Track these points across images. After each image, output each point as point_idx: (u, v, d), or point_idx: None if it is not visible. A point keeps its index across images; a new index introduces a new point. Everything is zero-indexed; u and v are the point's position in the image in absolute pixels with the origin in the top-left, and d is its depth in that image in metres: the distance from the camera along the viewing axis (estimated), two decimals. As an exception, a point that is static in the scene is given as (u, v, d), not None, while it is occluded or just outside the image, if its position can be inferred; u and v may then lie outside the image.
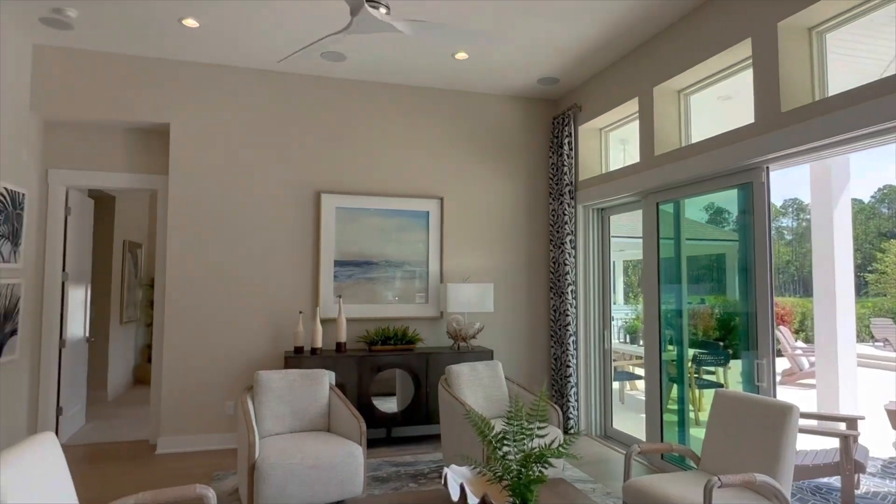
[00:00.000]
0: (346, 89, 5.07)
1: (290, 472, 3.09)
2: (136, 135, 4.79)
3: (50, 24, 4.01)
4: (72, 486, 2.02)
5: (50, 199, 4.56)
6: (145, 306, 7.77)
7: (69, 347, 4.79)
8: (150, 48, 4.44)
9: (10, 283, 4.00)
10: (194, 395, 4.58)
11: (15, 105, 4.10)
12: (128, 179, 4.73)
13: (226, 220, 4.71)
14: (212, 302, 4.65)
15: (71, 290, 4.80)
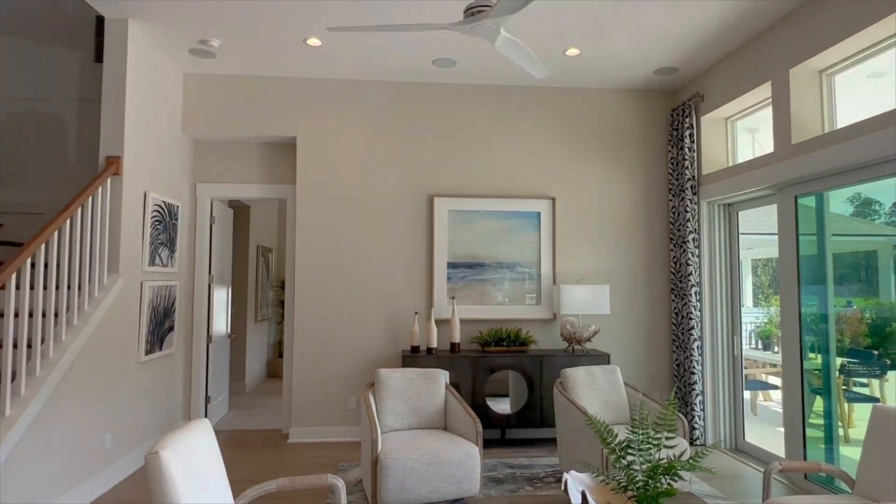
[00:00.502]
0: (457, 94, 5.16)
1: (409, 468, 3.20)
2: (267, 149, 5.23)
3: (197, 55, 4.50)
4: (223, 466, 2.25)
5: (198, 209, 5.11)
6: (276, 306, 8.45)
7: (215, 342, 5.33)
8: (278, 68, 4.82)
9: (168, 284, 4.54)
10: (320, 390, 4.90)
11: (170, 128, 4.65)
12: (261, 190, 5.18)
13: (346, 225, 4.99)
14: (335, 302, 4.95)
15: (215, 291, 5.35)
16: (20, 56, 4.79)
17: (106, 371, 3.65)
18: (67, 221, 3.33)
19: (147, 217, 4.19)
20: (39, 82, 4.79)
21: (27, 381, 2.98)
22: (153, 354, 4.30)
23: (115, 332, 3.75)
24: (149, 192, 4.22)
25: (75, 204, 3.36)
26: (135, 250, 4.04)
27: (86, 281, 3.50)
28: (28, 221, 4.74)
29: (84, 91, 4.83)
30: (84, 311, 3.47)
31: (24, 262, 2.95)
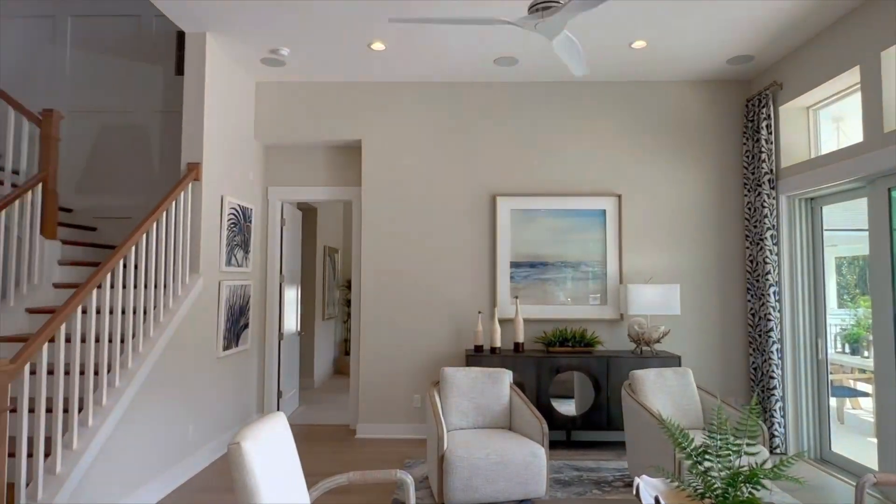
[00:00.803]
0: (519, 92, 5.13)
1: (475, 467, 3.21)
2: (334, 152, 5.38)
3: (268, 64, 4.70)
4: (297, 458, 2.34)
5: (269, 212, 5.34)
6: (342, 305, 8.68)
7: (286, 340, 5.54)
8: (344, 74, 4.96)
9: (243, 284, 4.76)
10: (386, 388, 4.99)
11: (244, 135, 4.88)
12: (328, 192, 5.34)
13: (410, 225, 5.07)
14: (400, 302, 5.03)
15: (286, 290, 5.56)
16: (111, 72, 5.16)
17: (188, 365, 3.87)
18: (154, 224, 3.56)
19: (224, 220, 4.41)
20: (127, 96, 5.15)
21: (120, 373, 3.22)
22: (230, 350, 4.53)
23: (195, 328, 3.98)
24: (225, 196, 4.45)
25: (161, 208, 3.59)
26: (213, 251, 4.27)
27: (170, 280, 3.74)
28: (118, 225, 5.11)
29: (167, 102, 5.15)
30: (169, 309, 3.70)
31: (116, 263, 3.18)
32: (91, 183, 5.11)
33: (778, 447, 4.47)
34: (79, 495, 2.78)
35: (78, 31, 5.20)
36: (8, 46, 5.21)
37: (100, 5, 5.19)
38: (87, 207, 5.10)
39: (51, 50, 5.19)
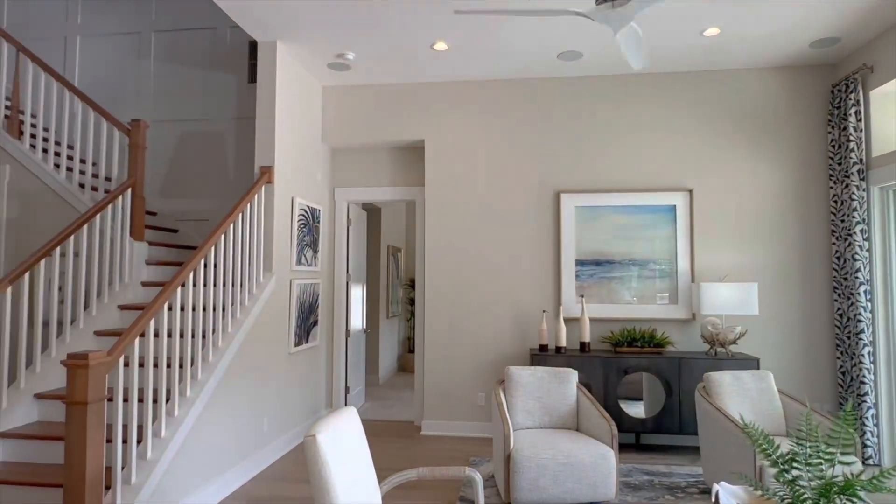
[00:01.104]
0: (583, 86, 5.02)
1: (542, 467, 3.17)
2: (398, 153, 5.46)
3: (334, 68, 4.83)
4: (368, 452, 2.39)
5: (336, 212, 5.49)
6: (405, 303, 8.81)
7: (352, 337, 5.69)
8: (407, 75, 5.02)
9: (312, 282, 4.93)
10: (451, 386, 5.03)
11: (312, 138, 5.04)
12: (392, 192, 5.43)
13: (474, 224, 5.07)
14: (463, 300, 5.05)
15: (352, 288, 5.70)
16: (190, 83, 5.47)
17: (262, 360, 4.04)
18: (231, 226, 3.74)
19: (294, 220, 4.58)
20: (205, 104, 5.44)
21: (202, 366, 3.40)
22: (300, 346, 4.69)
23: (269, 325, 4.15)
24: (295, 197, 4.61)
25: (237, 210, 3.77)
26: (284, 251, 4.44)
27: (245, 279, 3.91)
28: (197, 227, 5.40)
29: (241, 109, 5.40)
30: (245, 306, 3.88)
31: (198, 262, 3.37)
32: (173, 188, 5.43)
33: (870, 458, 4.16)
34: (167, 480, 2.96)
35: (160, 45, 5.54)
36: (100, 62, 5.62)
37: (180, 19, 5.51)
38: (170, 211, 5.43)
39: (136, 64, 5.56)
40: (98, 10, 5.65)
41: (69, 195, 4.34)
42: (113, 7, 5.63)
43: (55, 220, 4.36)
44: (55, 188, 4.36)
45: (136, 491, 2.75)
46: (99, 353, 2.50)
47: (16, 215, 4.40)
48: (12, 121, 4.47)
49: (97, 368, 2.48)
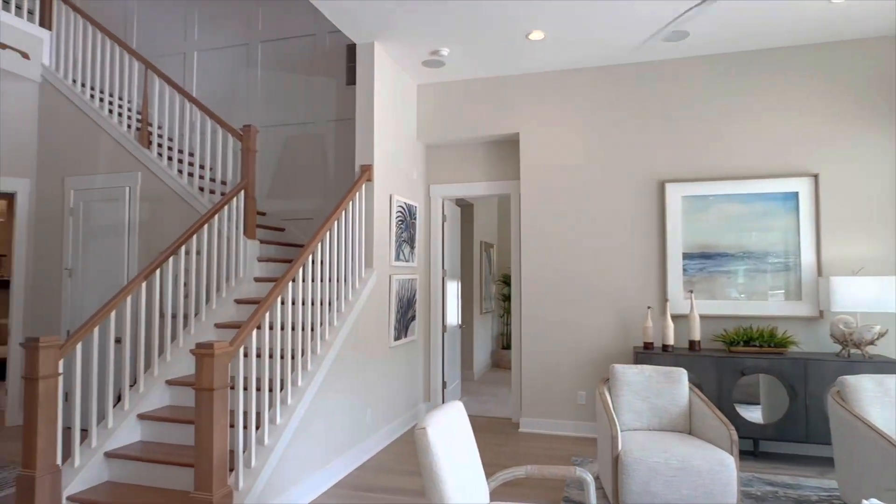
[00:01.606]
0: (689, 68, 4.71)
1: (653, 470, 3.01)
2: (492, 147, 5.42)
3: (429, 66, 4.87)
4: (475, 446, 2.37)
5: (431, 209, 5.55)
6: (498, 299, 8.77)
7: (449, 332, 5.73)
8: (501, 68, 4.96)
9: (410, 278, 5.01)
10: (549, 383, 4.92)
11: (408, 136, 5.12)
12: (487, 187, 5.39)
13: (572, 216, 4.92)
14: (562, 295, 4.92)
15: (448, 284, 5.74)
16: (293, 88, 5.75)
17: (364, 353, 4.16)
18: (335, 223, 3.88)
19: (392, 217, 4.67)
20: (307, 108, 5.70)
21: (311, 358, 3.55)
22: (400, 341, 4.78)
23: (370, 319, 4.26)
24: (394, 195, 4.70)
25: (340, 208, 3.90)
26: (383, 247, 4.54)
27: (349, 274, 4.04)
28: (301, 225, 5.67)
29: (339, 111, 5.59)
30: (349, 301, 4.01)
31: (306, 258, 3.51)
32: (279, 189, 5.74)
33: None
34: (282, 466, 3.12)
35: (266, 54, 5.87)
36: (213, 74, 6.05)
37: (283, 29, 5.81)
38: (277, 211, 5.74)
39: (245, 73, 5.93)
40: (211, 27, 6.09)
41: (190, 197, 4.70)
42: (224, 23, 6.03)
43: (178, 221, 4.74)
44: (178, 191, 4.74)
45: (255, 474, 2.91)
46: (222, 343, 2.67)
47: (146, 217, 4.84)
48: (142, 132, 4.91)
49: (221, 357, 2.65)
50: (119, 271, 4.89)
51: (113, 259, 4.92)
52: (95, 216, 5.02)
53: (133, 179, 4.88)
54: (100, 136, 5.04)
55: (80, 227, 5.06)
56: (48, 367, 2.94)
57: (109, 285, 4.92)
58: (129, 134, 4.94)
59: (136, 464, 3.21)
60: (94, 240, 5.00)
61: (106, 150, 5.01)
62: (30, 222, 5.22)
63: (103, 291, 4.94)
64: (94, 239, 5.01)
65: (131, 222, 4.87)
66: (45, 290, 5.17)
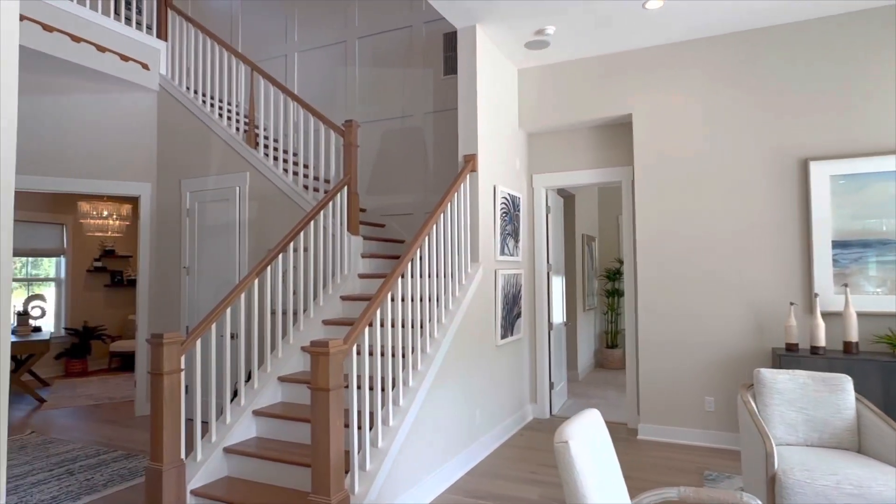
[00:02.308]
0: (837, 27, 4.09)
1: (821, 495, 2.56)
2: (599, 132, 5.04)
3: (532, 47, 4.59)
4: (616, 459, 2.08)
5: (534, 200, 5.26)
6: (601, 295, 8.30)
7: (554, 330, 5.42)
8: (612, 44, 4.58)
9: (514, 273, 4.76)
10: (670, 386, 4.48)
11: (510, 124, 4.86)
12: (594, 175, 5.02)
13: (694, 202, 4.45)
14: (683, 289, 4.46)
15: (553, 279, 5.43)
16: (390, 82, 5.68)
17: (472, 352, 3.97)
18: (441, 216, 3.71)
19: (497, 209, 4.44)
20: (404, 102, 5.60)
21: (421, 357, 3.40)
22: (506, 339, 4.55)
23: (477, 316, 4.06)
24: (497, 185, 4.47)
25: (446, 199, 3.72)
26: (488, 241, 4.33)
27: (455, 269, 3.86)
28: (401, 221, 5.59)
29: (437, 103, 5.45)
30: (456, 297, 3.83)
31: (414, 253, 3.37)
32: (378, 185, 5.70)
33: None
34: (395, 470, 2.99)
35: (364, 50, 5.84)
36: (313, 73, 6.12)
37: (379, 23, 5.75)
38: (376, 206, 5.70)
39: (343, 71, 5.94)
40: (310, 27, 6.16)
41: (296, 195, 4.73)
42: (322, 22, 6.09)
43: (285, 219, 4.79)
44: (284, 190, 4.79)
45: (370, 478, 2.80)
46: (336, 341, 2.57)
47: (255, 215, 4.95)
48: (249, 133, 5.03)
49: (336, 356, 2.55)
50: (231, 268, 5.04)
51: (225, 256, 5.08)
52: (209, 216, 5.21)
53: (242, 180, 5.00)
54: (211, 138, 5.22)
55: (196, 226, 5.28)
56: (172, 363, 3.00)
57: (223, 282, 5.09)
58: (238, 136, 5.07)
59: (254, 460, 3.21)
60: (208, 239, 5.19)
61: (217, 152, 5.18)
62: (152, 224, 5.52)
63: (217, 287, 5.12)
64: (207, 238, 5.20)
65: (241, 221, 4.99)
66: (166, 288, 5.45)
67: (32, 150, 5.00)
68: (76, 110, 5.17)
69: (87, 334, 7.86)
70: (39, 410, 5.71)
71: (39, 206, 7.68)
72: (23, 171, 4.96)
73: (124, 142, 5.40)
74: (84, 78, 5.10)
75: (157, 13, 5.61)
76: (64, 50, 4.69)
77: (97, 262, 8.30)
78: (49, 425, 5.13)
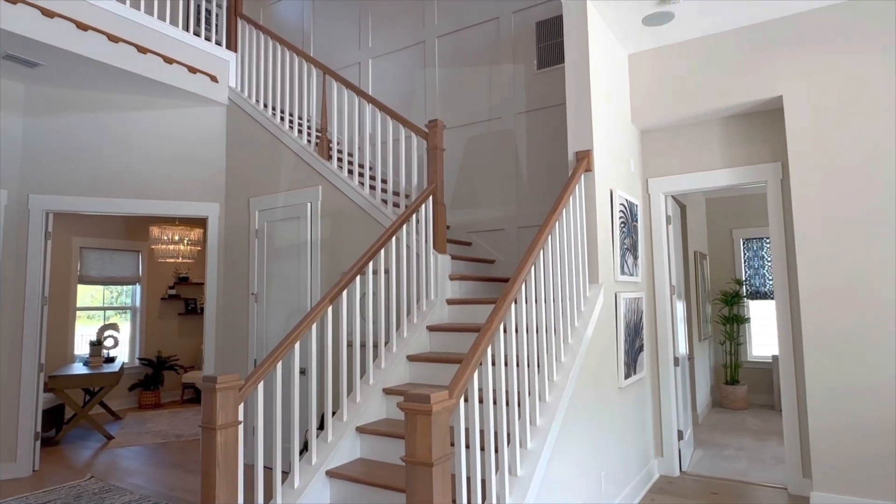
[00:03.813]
0: None
1: None
2: (732, 123, 4.14)
3: (650, 23, 3.79)
4: None
5: (652, 208, 4.39)
6: (716, 322, 7.18)
7: (679, 365, 4.46)
8: (757, 11, 3.70)
9: (635, 296, 3.89)
10: (855, 442, 3.42)
11: (622, 120, 4.06)
12: (728, 176, 4.10)
13: (879, 201, 3.44)
14: (866, 313, 3.42)
15: (676, 304, 4.50)
16: (474, 82, 5.04)
17: (592, 397, 3.13)
18: (556, 226, 2.94)
19: (615, 218, 3.63)
20: (491, 103, 4.93)
21: (540, 408, 2.61)
22: (630, 378, 3.67)
23: (597, 351, 3.23)
24: (615, 189, 3.66)
25: (560, 204, 2.95)
26: (607, 257, 3.50)
27: (571, 293, 3.06)
28: (489, 238, 4.86)
29: (529, 101, 4.73)
30: (575, 328, 3.02)
31: (526, 275, 2.61)
32: (462, 198, 5.02)
33: None
34: (516, 565, 2.19)
35: (443, 49, 5.25)
36: (389, 78, 5.59)
37: (462, 18, 5.15)
38: (460, 222, 5.01)
39: (422, 74, 5.36)
40: (385, 30, 5.66)
41: (373, 209, 4.12)
42: (398, 23, 5.57)
43: (361, 236, 4.19)
44: (360, 203, 4.20)
45: (485, 582, 2.01)
46: (440, 394, 1.84)
47: (328, 234, 4.37)
48: (322, 143, 4.50)
49: (441, 416, 1.82)
50: (302, 293, 4.48)
51: (296, 281, 4.53)
52: (278, 236, 4.70)
53: (314, 195, 4.46)
54: (281, 152, 4.74)
55: (265, 248, 4.78)
56: (227, 415, 2.37)
57: (293, 310, 4.53)
58: (309, 147, 4.56)
59: (328, 539, 2.51)
60: (278, 261, 4.68)
61: (287, 167, 4.69)
62: (220, 247, 5.09)
63: (288, 316, 4.56)
64: (277, 260, 4.68)
65: (313, 240, 4.44)
66: (234, 316, 4.97)
67: (97, 170, 4.70)
68: (142, 127, 4.85)
69: (161, 365, 7.60)
70: (106, 448, 5.34)
71: (115, 232, 7.57)
72: (87, 192, 4.66)
73: (192, 159, 5.03)
74: (150, 92, 4.78)
75: (226, 23, 5.28)
76: (130, 61, 4.37)
77: (171, 290, 8.10)
78: (111, 468, 4.70)
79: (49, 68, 4.28)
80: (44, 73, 4.36)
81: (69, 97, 4.65)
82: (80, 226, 7.20)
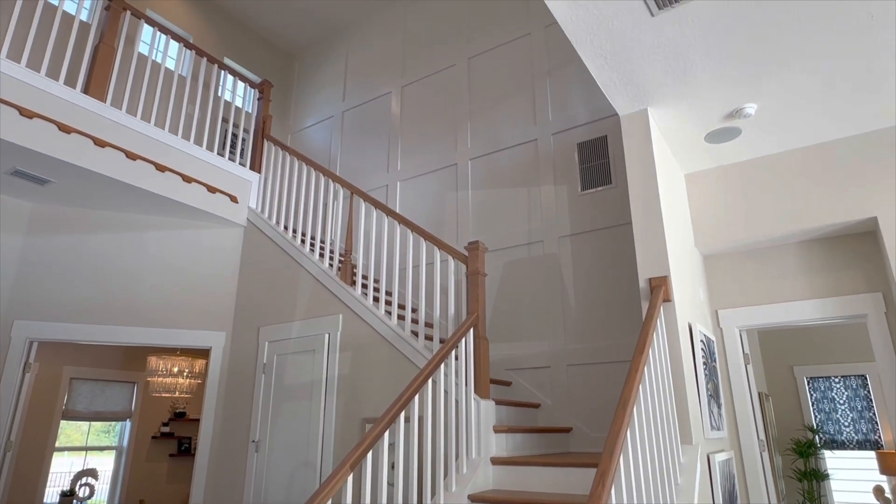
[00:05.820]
0: None
1: None
2: (812, 248, 3.63)
3: (714, 139, 3.45)
4: None
5: (725, 345, 3.75)
6: (788, 479, 6.14)
7: (781, 547, 3.53)
8: (838, 125, 3.36)
9: (725, 458, 3.11)
10: None
11: (686, 244, 3.58)
12: (814, 308, 3.51)
13: None
14: None
15: (765, 462, 3.67)
16: (511, 205, 4.68)
17: None
18: (645, 370, 2.31)
19: (697, 358, 2.99)
20: (531, 225, 4.52)
21: None
22: (735, 573, 2.79)
23: (702, 539, 2.42)
24: (694, 324, 3.07)
25: (647, 342, 2.35)
26: (695, 409, 2.81)
27: (658, 456, 2.35)
28: (531, 377, 4.19)
29: (574, 224, 4.32)
30: None
31: (626, 429, 1.94)
32: (499, 331, 4.43)
33: None
34: None
35: (477, 172, 4.98)
36: (418, 201, 5.27)
37: (497, 140, 4.93)
38: (499, 358, 4.37)
39: (455, 196, 5.04)
40: (416, 154, 5.47)
41: (401, 342, 3.53)
42: (429, 147, 5.38)
43: (386, 373, 3.55)
44: (386, 335, 3.62)
45: None
46: None
47: (346, 370, 3.74)
48: (345, 267, 4.04)
49: None
50: (312, 442, 3.74)
51: (305, 425, 3.82)
52: (289, 372, 4.07)
53: (333, 324, 3.91)
54: (299, 275, 4.28)
55: (272, 386, 4.13)
56: None
57: (299, 462, 3.76)
58: (331, 271, 4.10)
59: None
60: (286, 402, 4.00)
61: (305, 291, 4.20)
62: (221, 383, 4.44)
63: (293, 470, 3.78)
64: (286, 401, 4.00)
65: (329, 377, 3.80)
66: (230, 465, 4.18)
67: (96, 294, 4.22)
68: (150, 248, 4.46)
69: (141, 517, 6.56)
70: None
71: (111, 361, 6.95)
72: (82, 318, 4.15)
73: (201, 283, 4.57)
74: (163, 211, 4.45)
75: (252, 144, 5.11)
76: (147, 180, 4.08)
77: (165, 427, 7.27)
78: None
79: (59, 185, 3.99)
80: (52, 191, 4.07)
81: (75, 216, 4.33)
82: (72, 354, 6.61)
